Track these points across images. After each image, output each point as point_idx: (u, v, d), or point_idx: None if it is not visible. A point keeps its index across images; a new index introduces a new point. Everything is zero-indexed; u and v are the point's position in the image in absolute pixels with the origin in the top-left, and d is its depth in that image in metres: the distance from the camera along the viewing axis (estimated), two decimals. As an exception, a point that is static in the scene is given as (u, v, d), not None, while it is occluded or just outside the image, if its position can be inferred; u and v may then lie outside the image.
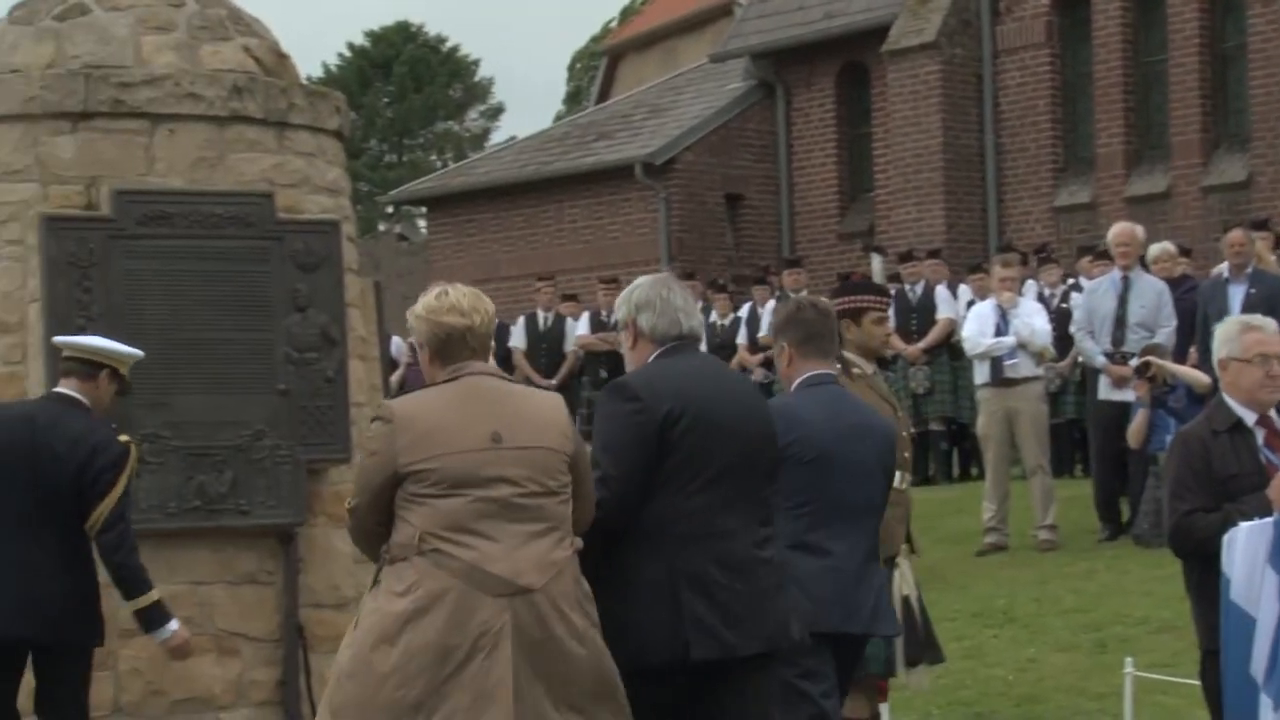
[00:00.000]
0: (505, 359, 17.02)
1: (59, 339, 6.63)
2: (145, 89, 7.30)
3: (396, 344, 17.09)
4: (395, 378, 15.06)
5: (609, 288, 17.90)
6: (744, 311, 16.87)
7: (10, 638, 5.93)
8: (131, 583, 6.18)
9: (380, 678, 4.64)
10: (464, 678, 4.63)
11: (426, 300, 5.02)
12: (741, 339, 16.59)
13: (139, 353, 6.62)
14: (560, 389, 17.15)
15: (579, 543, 4.87)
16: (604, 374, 17.09)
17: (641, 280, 5.28)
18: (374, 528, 4.85)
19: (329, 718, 4.74)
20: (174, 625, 6.27)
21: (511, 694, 4.63)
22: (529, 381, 16.88)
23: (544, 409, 4.95)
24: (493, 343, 5.06)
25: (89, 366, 6.42)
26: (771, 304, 16.51)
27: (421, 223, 31.91)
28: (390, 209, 35.85)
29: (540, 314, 17.61)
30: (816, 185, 21.96)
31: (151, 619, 6.22)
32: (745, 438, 5.11)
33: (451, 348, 4.91)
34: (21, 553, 6.03)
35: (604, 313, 17.55)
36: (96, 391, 6.38)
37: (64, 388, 6.40)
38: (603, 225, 22.24)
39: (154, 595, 6.22)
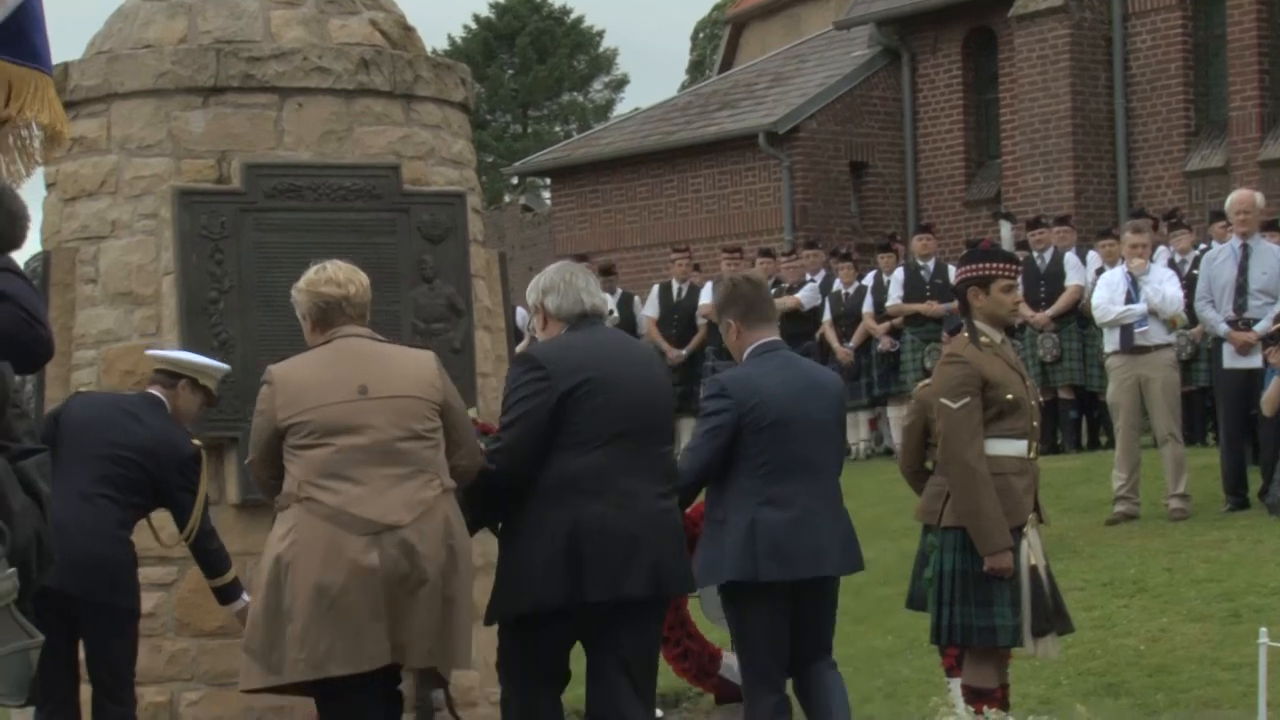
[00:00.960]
0: (632, 327, 17.05)
1: (150, 352, 6.98)
2: (274, 63, 7.39)
3: (522, 314, 17.14)
4: (520, 348, 15.17)
5: (732, 257, 17.88)
6: (869, 280, 16.78)
7: (64, 591, 6.16)
8: (214, 565, 6.78)
9: (272, 615, 5.26)
10: (340, 611, 5.19)
11: (306, 275, 5.63)
12: (867, 307, 16.49)
13: (223, 366, 6.87)
14: (691, 359, 17.16)
15: (450, 483, 5.40)
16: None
17: (548, 268, 5.84)
18: (268, 480, 5.49)
19: (244, 655, 5.36)
20: (245, 597, 6.71)
21: (385, 624, 5.22)
22: (660, 351, 16.92)
23: (411, 363, 5.50)
24: (368, 310, 5.63)
25: (169, 376, 6.79)
26: (899, 272, 16.41)
27: (546, 194, 32.04)
28: (515, 180, 36.03)
29: (675, 284, 17.61)
30: (942, 152, 21.77)
31: (228, 594, 6.82)
32: (642, 402, 5.65)
33: (329, 315, 5.54)
34: (87, 518, 6.35)
35: (728, 282, 17.54)
36: (176, 399, 6.76)
37: (151, 389, 6.81)
38: (726, 195, 22.20)
39: (231, 574, 6.81)
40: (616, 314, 17.20)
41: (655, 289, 17.67)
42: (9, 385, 2.57)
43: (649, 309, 17.39)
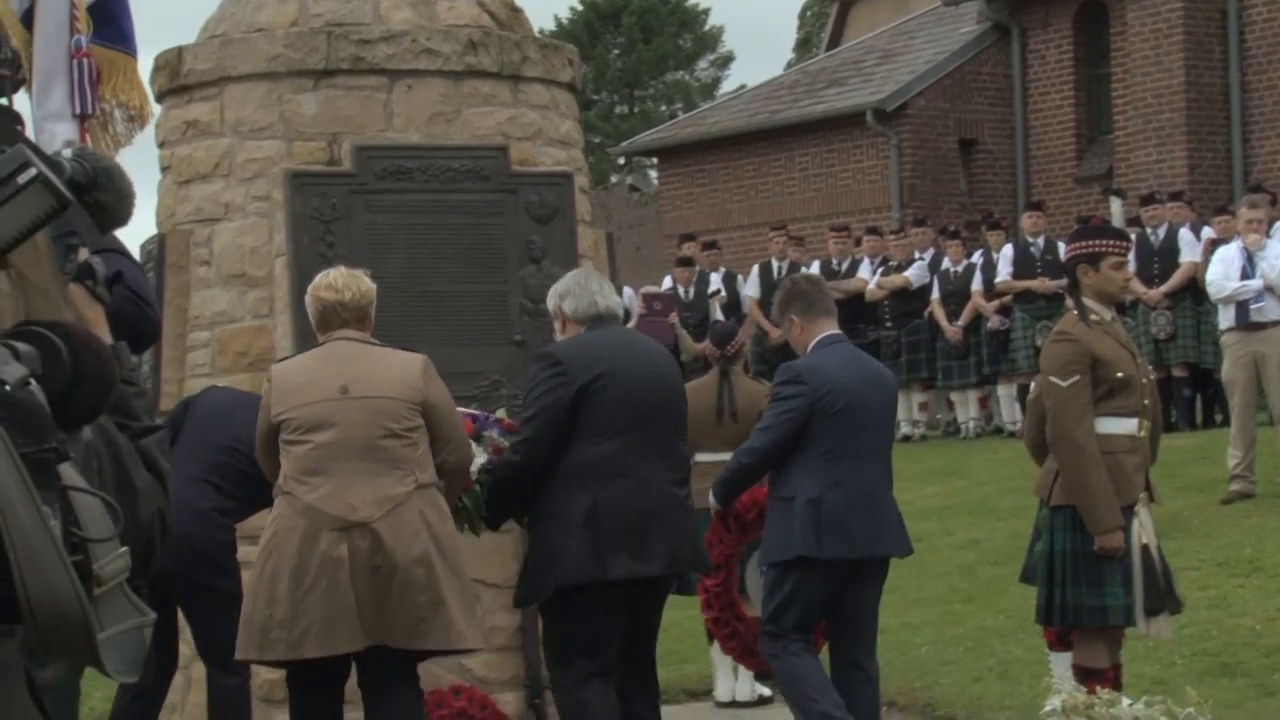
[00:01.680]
0: (737, 307, 17.06)
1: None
2: (384, 46, 7.47)
3: (629, 294, 17.24)
4: (630, 327, 15.23)
5: (840, 236, 17.85)
6: (978, 257, 16.68)
7: (164, 570, 6.27)
8: None
9: (254, 598, 5.82)
10: (314, 599, 5.68)
11: (314, 280, 6.15)
12: (976, 285, 16.40)
13: None
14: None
15: (428, 479, 5.81)
16: (836, 323, 17.07)
17: (566, 275, 6.44)
18: (273, 470, 5.97)
19: (240, 628, 5.88)
20: None
21: (355, 613, 5.66)
22: (761, 331, 16.92)
23: (394, 365, 5.94)
24: (372, 312, 6.12)
25: None
26: (1008, 249, 16.30)
27: (653, 173, 32.08)
28: (622, 160, 36.10)
29: (774, 263, 17.61)
30: (1053, 128, 21.57)
31: None
32: (653, 395, 6.20)
33: (328, 318, 6.03)
34: (191, 500, 6.40)
35: (835, 261, 17.49)
36: None
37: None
38: (834, 173, 22.13)
39: None
40: (724, 293, 17.23)
41: (756, 269, 17.68)
42: (127, 364, 2.64)
43: (750, 288, 17.40)
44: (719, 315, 16.22)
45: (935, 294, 16.66)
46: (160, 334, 4.49)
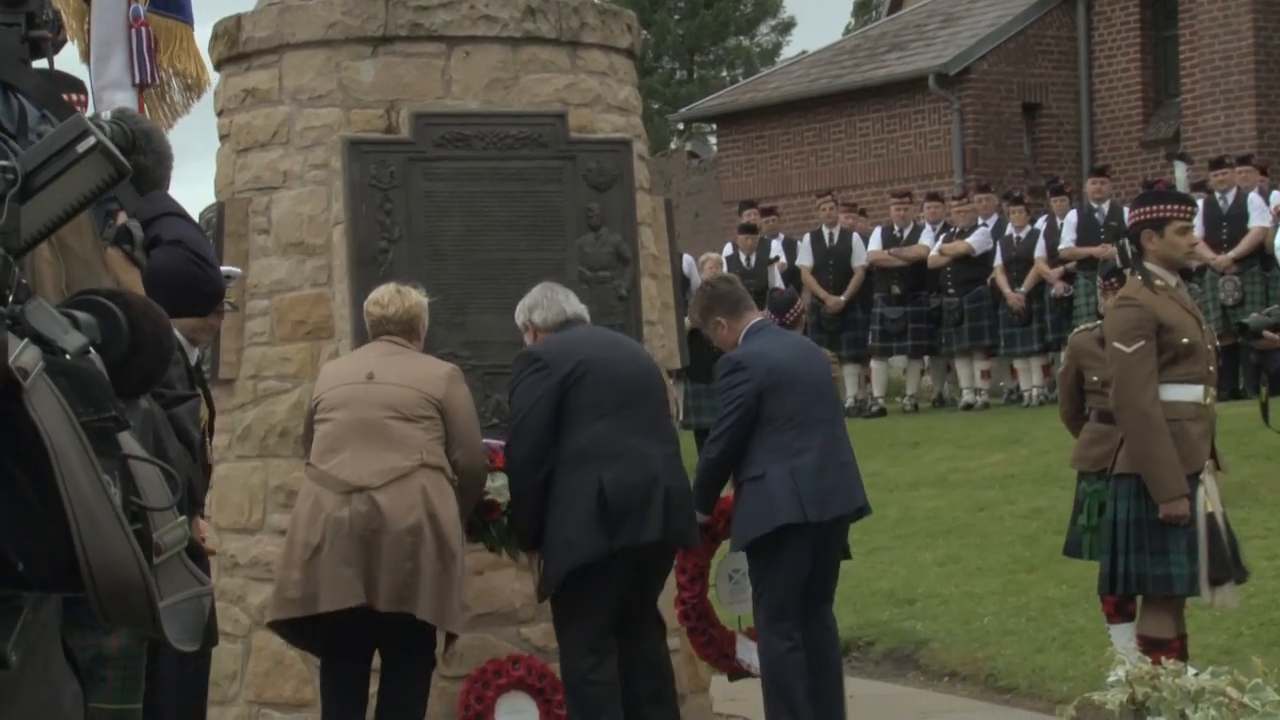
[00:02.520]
0: (794, 276, 17.03)
1: None
2: (441, 12, 7.48)
3: (688, 262, 17.21)
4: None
5: (901, 202, 17.77)
6: (1041, 224, 16.58)
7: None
8: None
9: (279, 565, 6.42)
10: (321, 561, 6.19)
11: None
12: (1040, 252, 16.31)
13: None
14: (848, 305, 17.11)
15: (438, 460, 6.30)
16: (897, 290, 17.01)
17: (532, 289, 6.87)
18: (309, 450, 6.53)
19: (272, 595, 6.46)
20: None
21: (354, 570, 6.15)
22: (817, 300, 16.88)
23: (422, 365, 6.52)
24: (426, 312, 6.69)
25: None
26: (1073, 215, 16.19)
27: (712, 140, 32.00)
28: (681, 127, 36.02)
29: (825, 230, 17.56)
30: (1118, 91, 21.38)
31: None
32: (632, 376, 6.65)
33: (375, 329, 6.65)
34: None
35: (896, 228, 17.43)
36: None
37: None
38: (895, 138, 22.02)
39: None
40: (784, 259, 17.20)
41: (807, 238, 17.64)
42: (166, 332, 2.65)
43: (803, 258, 17.36)
44: (779, 282, 16.18)
45: (998, 260, 16.57)
46: (222, 294, 4.51)
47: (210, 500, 7.78)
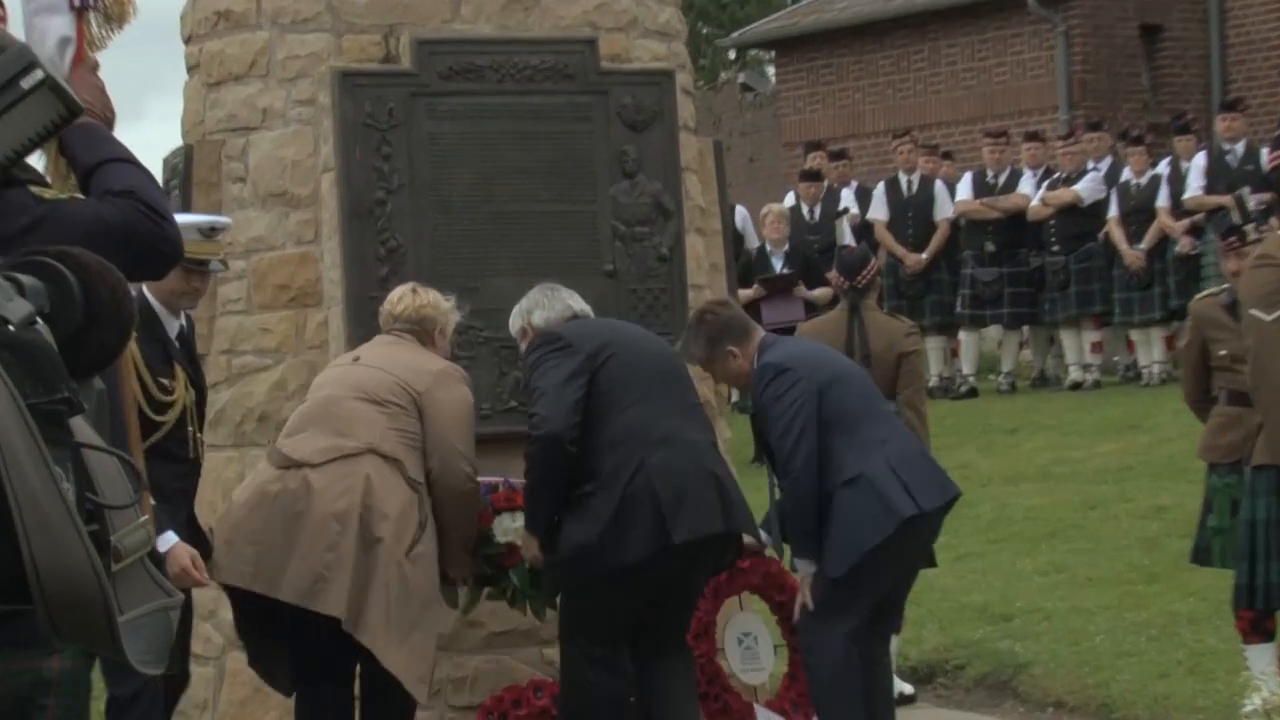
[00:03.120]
0: (867, 230, 17.00)
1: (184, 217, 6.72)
2: (447, -80, 7.49)
3: (741, 214, 17.20)
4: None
5: (996, 143, 17.71)
6: (1163, 168, 16.51)
7: None
8: None
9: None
10: (244, 531, 6.52)
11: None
12: (1162, 201, 16.24)
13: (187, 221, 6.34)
14: (931, 264, 17.07)
15: (390, 452, 6.51)
16: (990, 247, 16.97)
17: (527, 294, 7.04)
18: None
19: None
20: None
21: (254, 554, 6.43)
22: (894, 259, 16.83)
23: (416, 357, 6.77)
24: (448, 317, 6.96)
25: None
26: (1200, 158, 16.12)
27: (770, 70, 31.95)
28: (733, 55, 35.96)
29: (902, 177, 17.53)
30: (1255, 10, 21.26)
31: None
32: (660, 360, 6.91)
33: (384, 326, 6.95)
34: None
35: (990, 173, 17.39)
36: (157, 284, 6.29)
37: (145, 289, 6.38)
38: (987, 68, 21.94)
39: None
40: (855, 211, 17.17)
41: (880, 187, 17.59)
42: (125, 298, 2.63)
43: (876, 210, 17.32)
44: (849, 239, 16.16)
45: (1112, 212, 16.51)
46: (181, 255, 4.50)
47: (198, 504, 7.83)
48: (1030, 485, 13.03)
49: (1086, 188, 16.70)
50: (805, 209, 17.06)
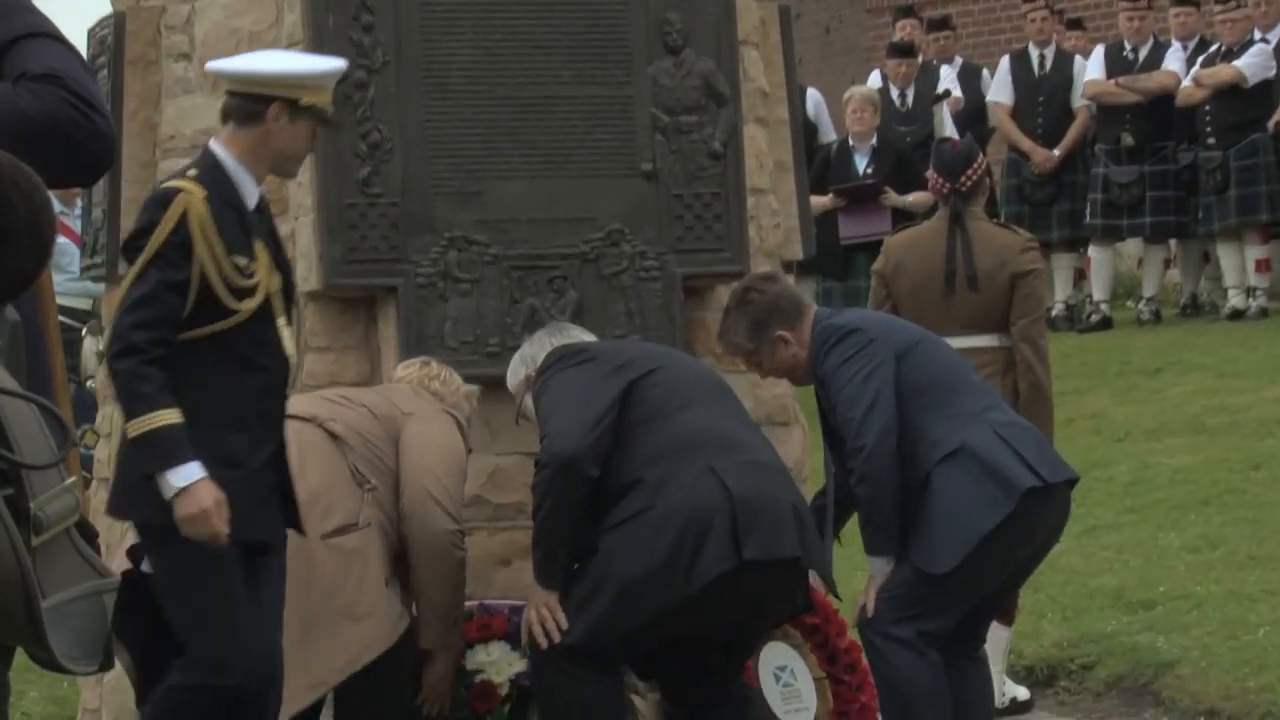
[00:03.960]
0: (973, 119, 16.93)
1: (213, 64, 6.74)
2: None
3: (814, 100, 17.17)
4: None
5: (1135, 8, 17.61)
6: (1350, 39, 16.47)
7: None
8: None
9: None
10: None
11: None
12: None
13: (332, 65, 6.52)
14: (1064, 163, 17.01)
15: (342, 430, 6.80)
16: (1128, 140, 16.90)
17: (528, 339, 7.22)
18: None
19: None
20: None
21: None
22: (1017, 154, 16.79)
23: (413, 395, 7.04)
24: (460, 400, 7.19)
25: (248, 102, 6.33)
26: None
27: (850, -85, 31.83)
28: (803, -104, 35.83)
29: (1033, 52, 17.46)
30: None
31: None
32: (706, 372, 7.19)
33: None
34: None
35: (1127, 46, 17.32)
36: (267, 138, 6.32)
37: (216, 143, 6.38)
38: (1127, -89, 21.81)
39: None
40: (958, 94, 17.13)
41: (1004, 63, 17.51)
42: (43, 208, 2.64)
43: (998, 92, 17.24)
44: (950, 129, 16.13)
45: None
46: (115, 155, 4.51)
47: (108, 456, 7.87)
48: (1178, 440, 13.04)
49: (1252, 64, 16.62)
50: (895, 92, 17.03)
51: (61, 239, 11.05)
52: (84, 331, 12.77)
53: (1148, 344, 16.10)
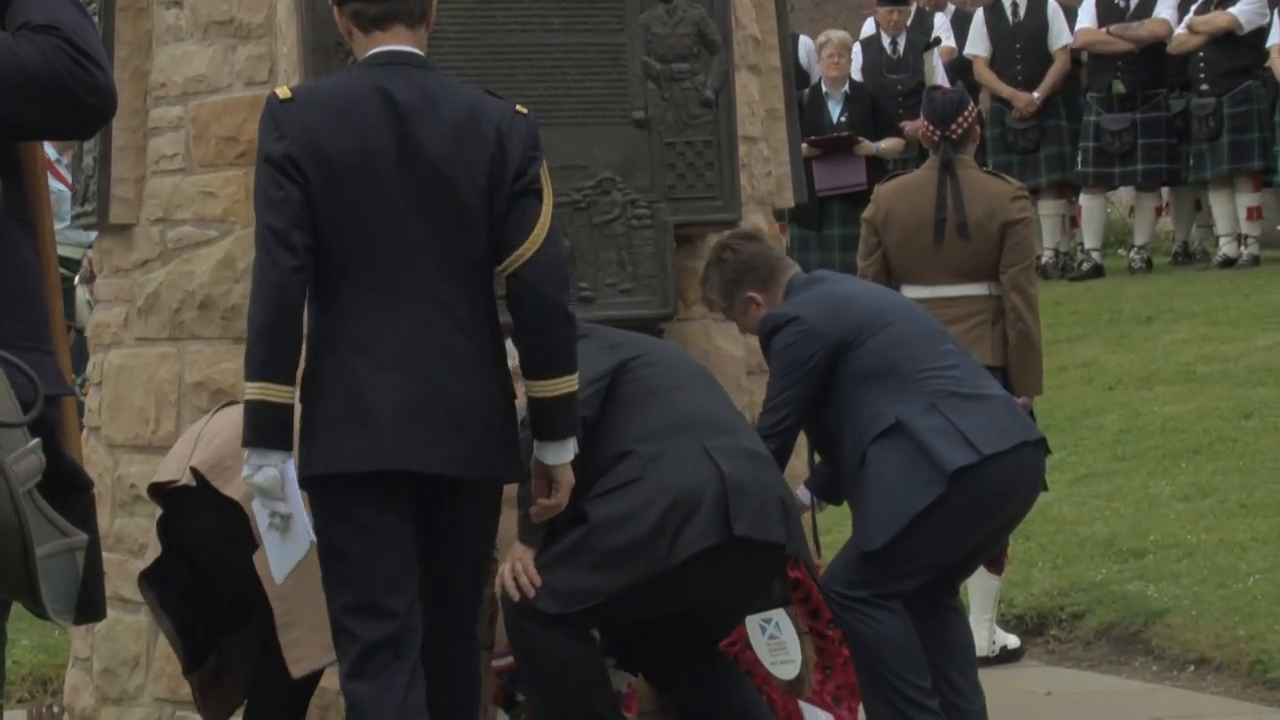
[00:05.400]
0: (964, 68, 16.95)
1: None
2: None
3: (807, 48, 17.18)
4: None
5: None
6: (1342, -14, 16.46)
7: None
8: None
9: None
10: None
11: None
12: (1338, 29, 16.18)
13: None
14: (1045, 106, 16.98)
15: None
16: (1120, 88, 16.89)
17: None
18: None
19: None
20: None
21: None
22: (999, 103, 16.77)
23: None
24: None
25: None
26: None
27: None
28: None
29: (1005, 1, 17.43)
30: None
31: None
32: (698, 365, 7.19)
33: None
34: None
35: (1120, -9, 17.30)
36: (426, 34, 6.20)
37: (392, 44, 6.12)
38: None
39: None
40: (949, 41, 17.11)
41: (978, 15, 17.51)
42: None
43: (974, 45, 17.24)
44: (941, 77, 16.13)
45: (1275, 39, 16.41)
46: (115, 107, 4.52)
47: (99, 404, 7.89)
48: (1169, 388, 13.07)
49: (1246, 10, 16.59)
50: (886, 40, 17.05)
51: (58, 185, 11.07)
52: (75, 280, 12.79)
53: (1139, 292, 16.13)
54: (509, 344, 6.13)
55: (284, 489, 5.80)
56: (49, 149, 10.16)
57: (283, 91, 6.00)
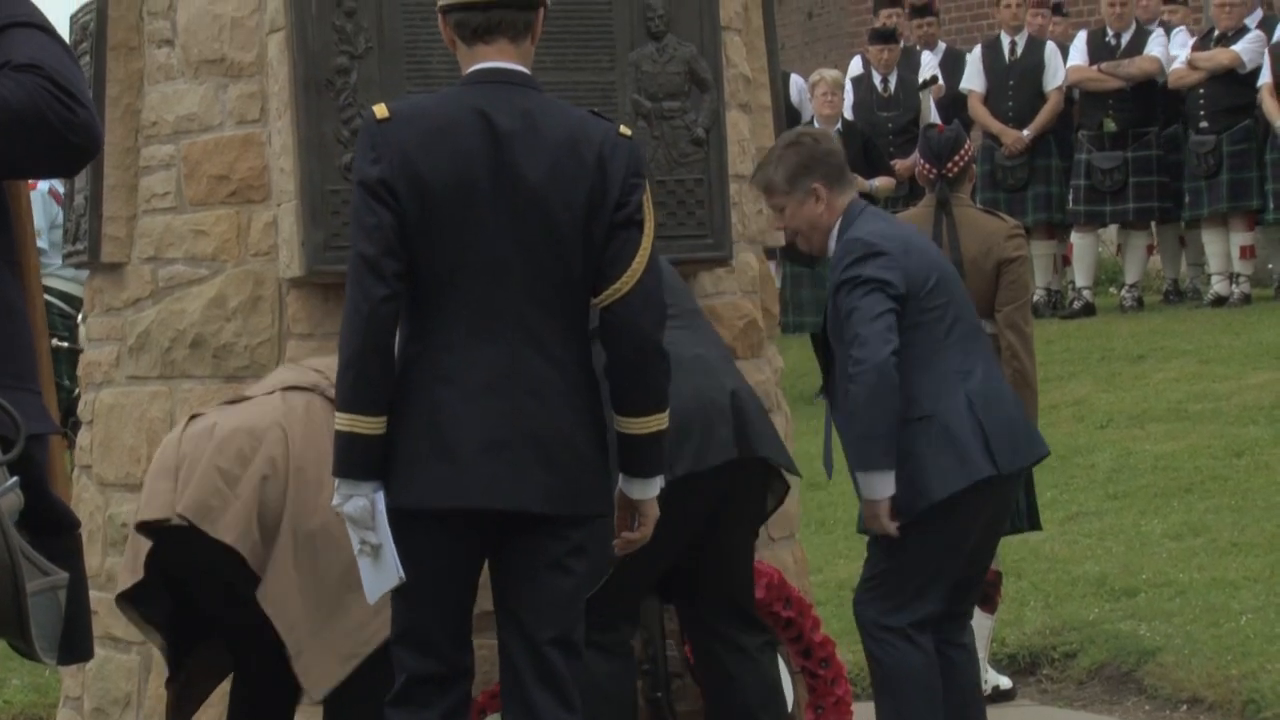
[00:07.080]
0: (956, 106, 16.98)
1: None
2: None
3: (798, 86, 17.20)
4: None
5: (1116, -4, 17.60)
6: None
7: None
8: None
9: None
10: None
11: None
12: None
13: None
14: (1036, 143, 16.99)
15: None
16: (1111, 125, 16.91)
17: None
18: None
19: None
20: None
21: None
22: (990, 139, 16.79)
23: None
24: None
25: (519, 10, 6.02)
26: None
27: (832, -100, 31.82)
28: (785, -120, 35.83)
29: (1004, 38, 17.47)
30: None
31: None
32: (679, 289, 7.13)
33: None
34: None
35: (1109, 32, 17.33)
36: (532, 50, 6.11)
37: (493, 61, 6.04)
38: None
39: None
40: (942, 81, 17.15)
41: (976, 51, 17.55)
42: None
43: (970, 80, 17.27)
44: (934, 116, 16.17)
45: (1264, 78, 16.40)
46: (99, 147, 4.51)
47: (91, 443, 7.88)
48: (1161, 426, 13.07)
49: (1248, 48, 16.56)
50: (877, 78, 17.07)
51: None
52: (79, 318, 12.79)
53: (1130, 330, 16.14)
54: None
55: (374, 519, 5.73)
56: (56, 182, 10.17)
57: (380, 110, 5.91)
